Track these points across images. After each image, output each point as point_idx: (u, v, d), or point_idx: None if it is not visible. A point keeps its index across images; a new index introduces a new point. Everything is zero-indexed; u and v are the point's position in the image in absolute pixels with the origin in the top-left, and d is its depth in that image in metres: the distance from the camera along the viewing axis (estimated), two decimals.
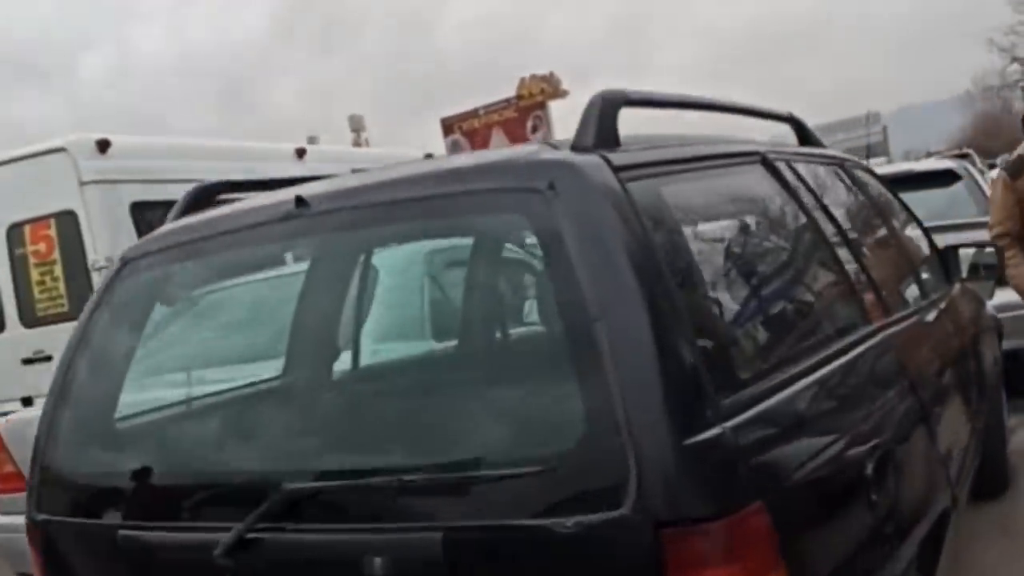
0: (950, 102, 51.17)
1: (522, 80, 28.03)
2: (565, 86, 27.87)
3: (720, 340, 1.79)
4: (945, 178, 6.12)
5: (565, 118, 31.76)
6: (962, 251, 3.86)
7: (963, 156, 22.88)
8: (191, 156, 6.55)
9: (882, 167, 8.64)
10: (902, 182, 6.24)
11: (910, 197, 6.37)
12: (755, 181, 2.42)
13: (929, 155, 27.69)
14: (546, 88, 27.14)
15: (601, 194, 1.73)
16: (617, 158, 1.84)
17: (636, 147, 1.99)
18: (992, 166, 20.89)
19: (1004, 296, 5.60)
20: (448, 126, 29.96)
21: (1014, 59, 18.85)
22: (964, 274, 4.03)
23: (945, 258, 3.80)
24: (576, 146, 1.88)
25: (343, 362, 2.75)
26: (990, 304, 4.57)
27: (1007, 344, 5.39)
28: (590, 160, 1.81)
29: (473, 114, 29.71)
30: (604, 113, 1.91)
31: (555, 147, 1.92)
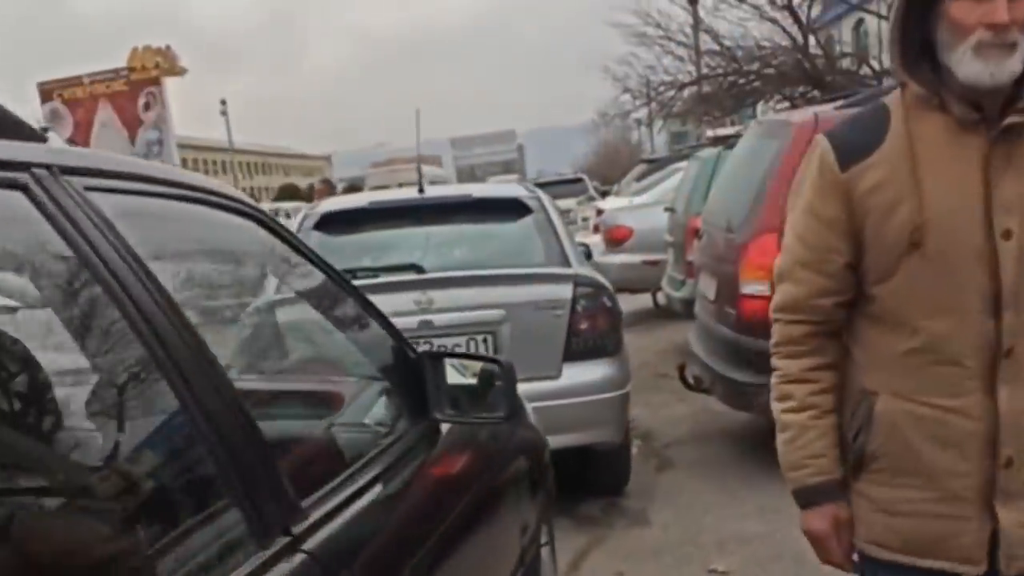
0: (580, 128, 53.76)
1: (134, 50, 24.38)
2: (184, 63, 24.59)
3: None
4: (510, 210, 4.43)
5: (185, 98, 28.26)
6: (454, 361, 1.96)
7: (576, 180, 23.16)
8: None
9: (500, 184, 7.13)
10: (452, 211, 4.49)
11: (458, 232, 4.75)
12: None
13: (559, 175, 28.14)
14: (161, 63, 23.79)
15: None
16: None
17: None
18: (605, 193, 21.07)
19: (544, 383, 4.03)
20: (46, 92, 25.68)
21: (626, 89, 18.80)
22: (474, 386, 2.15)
23: (419, 374, 1.90)
24: None
25: None
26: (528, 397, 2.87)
27: (565, 440, 3.82)
28: None
29: (77, 81, 25.62)
30: None
31: None
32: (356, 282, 4.20)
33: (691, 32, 18.60)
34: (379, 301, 2.01)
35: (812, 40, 17.96)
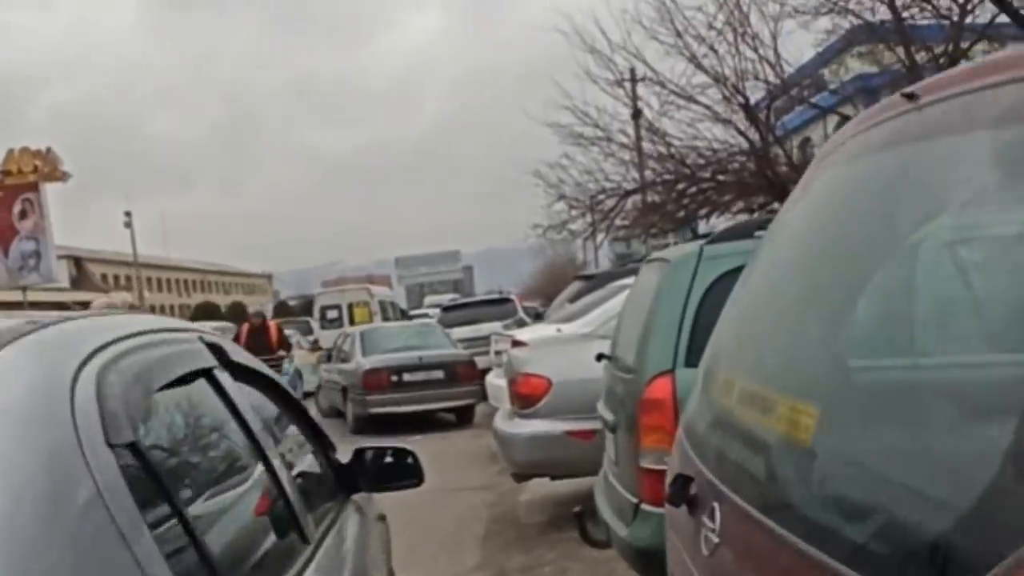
0: (528, 249, 50.97)
1: (10, 152, 20.74)
2: (67, 168, 21.06)
3: None
4: None
5: (65, 206, 24.71)
6: None
7: (504, 301, 19.83)
8: None
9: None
10: None
11: None
12: None
13: (486, 294, 25.17)
14: (40, 166, 20.14)
15: None
16: None
17: None
18: (539, 316, 17.76)
19: None
20: None
21: (561, 196, 15.52)
22: None
23: None
24: None
25: None
26: None
27: None
28: None
29: None
30: None
31: None
32: None
33: (634, 134, 15.57)
34: None
35: (769, 145, 15.03)
